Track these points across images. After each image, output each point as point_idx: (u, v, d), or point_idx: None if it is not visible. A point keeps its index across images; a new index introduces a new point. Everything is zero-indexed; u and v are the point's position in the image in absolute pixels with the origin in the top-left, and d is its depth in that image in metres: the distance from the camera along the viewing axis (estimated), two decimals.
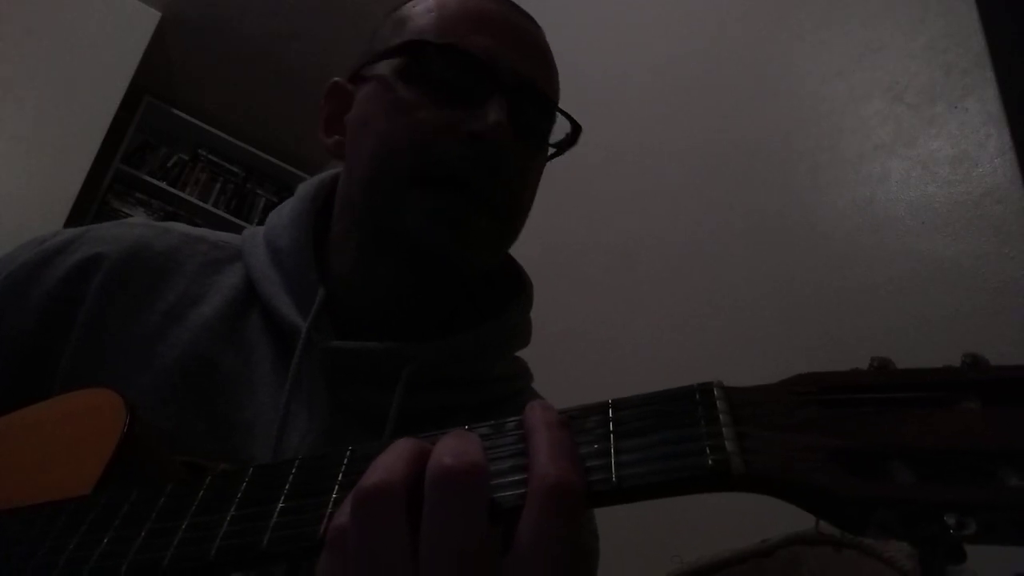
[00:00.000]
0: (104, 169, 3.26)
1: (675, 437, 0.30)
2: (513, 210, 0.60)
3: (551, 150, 0.64)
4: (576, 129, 0.63)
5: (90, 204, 3.25)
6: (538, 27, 0.65)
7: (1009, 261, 0.85)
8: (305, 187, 0.67)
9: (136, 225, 0.65)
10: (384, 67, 0.60)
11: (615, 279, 1.41)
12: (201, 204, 3.62)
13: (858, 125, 1.09)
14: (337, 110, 0.64)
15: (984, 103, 0.94)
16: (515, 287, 0.66)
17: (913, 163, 1.00)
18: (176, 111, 3.58)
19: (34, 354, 0.57)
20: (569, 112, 0.63)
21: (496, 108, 0.54)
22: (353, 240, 0.62)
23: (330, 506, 0.32)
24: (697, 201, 1.32)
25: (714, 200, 1.29)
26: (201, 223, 3.50)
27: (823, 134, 1.14)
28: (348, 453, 0.35)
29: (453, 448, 0.30)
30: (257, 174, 3.87)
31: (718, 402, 0.31)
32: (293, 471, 0.35)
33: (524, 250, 0.70)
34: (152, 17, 3.09)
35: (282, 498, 0.34)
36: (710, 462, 0.29)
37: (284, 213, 0.65)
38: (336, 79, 0.66)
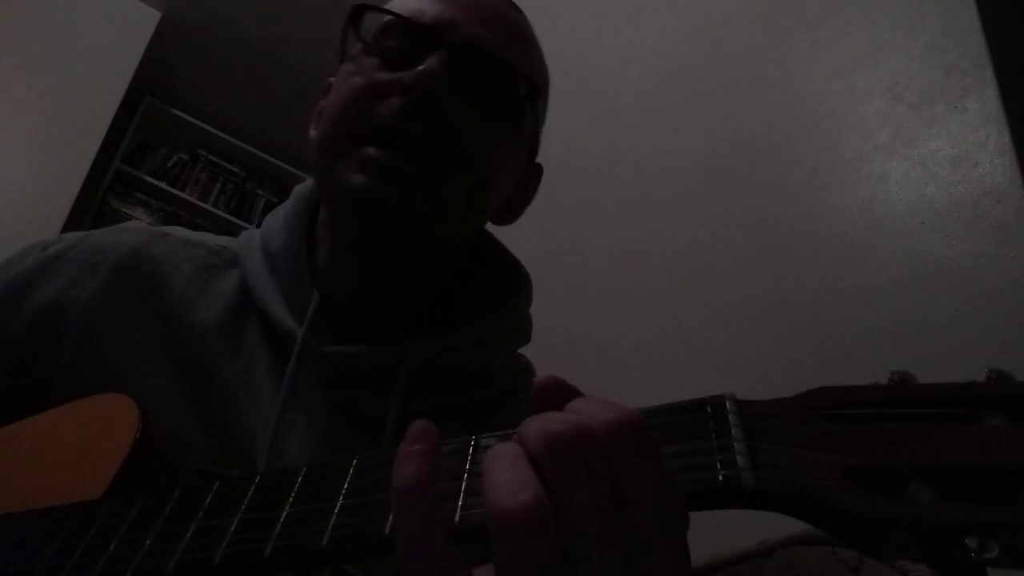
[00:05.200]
0: (104, 169, 3.26)
1: (686, 451, 0.29)
2: (454, 163, 0.56)
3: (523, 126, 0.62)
4: (532, 87, 0.60)
5: (90, 204, 3.25)
6: (508, 2, 0.64)
7: (1009, 261, 0.85)
8: (300, 188, 0.67)
9: (134, 231, 0.65)
10: (351, 49, 0.61)
11: (616, 279, 1.41)
12: (201, 204, 3.61)
13: (858, 125, 1.09)
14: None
15: (984, 103, 0.93)
16: (514, 283, 0.66)
17: (913, 163, 1.00)
18: (176, 111, 3.58)
19: (32, 361, 0.56)
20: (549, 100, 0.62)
21: (428, 61, 0.54)
22: (327, 225, 0.62)
23: (334, 516, 0.32)
24: (697, 201, 1.32)
25: (714, 200, 1.29)
26: (201, 223, 3.51)
27: (823, 134, 1.14)
28: (354, 462, 0.35)
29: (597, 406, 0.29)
30: (257, 174, 3.86)
31: (730, 416, 0.30)
32: (299, 479, 0.35)
33: (526, 250, 0.70)
34: (152, 17, 3.09)
35: (288, 506, 0.34)
36: (720, 478, 0.28)
37: (280, 215, 0.65)
38: (329, 79, 0.66)
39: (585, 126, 1.66)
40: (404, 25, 0.58)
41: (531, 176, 0.69)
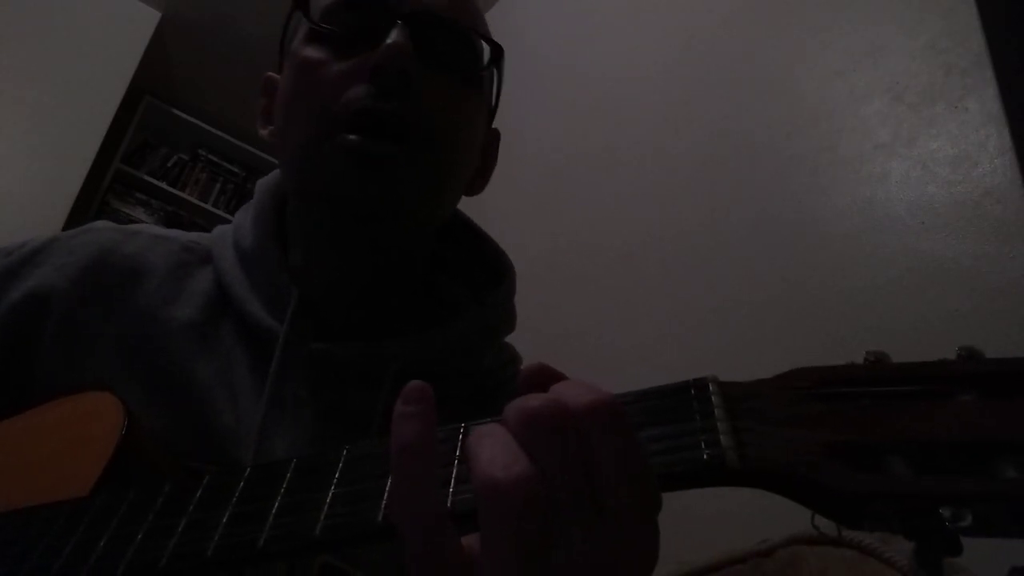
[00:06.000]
0: (104, 169, 3.26)
1: (670, 432, 0.30)
2: (427, 140, 0.54)
3: (487, 88, 0.62)
4: (496, 50, 0.60)
5: (90, 204, 3.25)
6: None
7: (1009, 261, 0.85)
8: (264, 182, 0.66)
9: (103, 229, 0.63)
10: (294, 42, 0.60)
11: (616, 279, 1.41)
12: (201, 204, 3.61)
13: (858, 125, 1.09)
14: (270, 102, 0.64)
15: (984, 103, 0.94)
16: (498, 269, 0.65)
17: (913, 163, 1.00)
18: (176, 111, 3.58)
19: (10, 364, 0.55)
20: (507, 61, 0.61)
21: (393, 35, 0.52)
22: (298, 223, 0.61)
23: (326, 505, 0.32)
24: (698, 202, 1.32)
25: (715, 201, 1.29)
26: (201, 223, 3.51)
27: (823, 134, 1.14)
28: (344, 453, 0.35)
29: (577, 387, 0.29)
30: (257, 174, 3.86)
31: (713, 396, 0.31)
32: (290, 471, 0.35)
33: (527, 250, 0.70)
34: (152, 17, 3.09)
35: (279, 497, 0.33)
36: (705, 456, 0.28)
37: (249, 213, 0.64)
38: (268, 73, 0.65)
39: (585, 126, 1.66)
40: (356, 3, 0.56)
41: (492, 142, 0.69)
